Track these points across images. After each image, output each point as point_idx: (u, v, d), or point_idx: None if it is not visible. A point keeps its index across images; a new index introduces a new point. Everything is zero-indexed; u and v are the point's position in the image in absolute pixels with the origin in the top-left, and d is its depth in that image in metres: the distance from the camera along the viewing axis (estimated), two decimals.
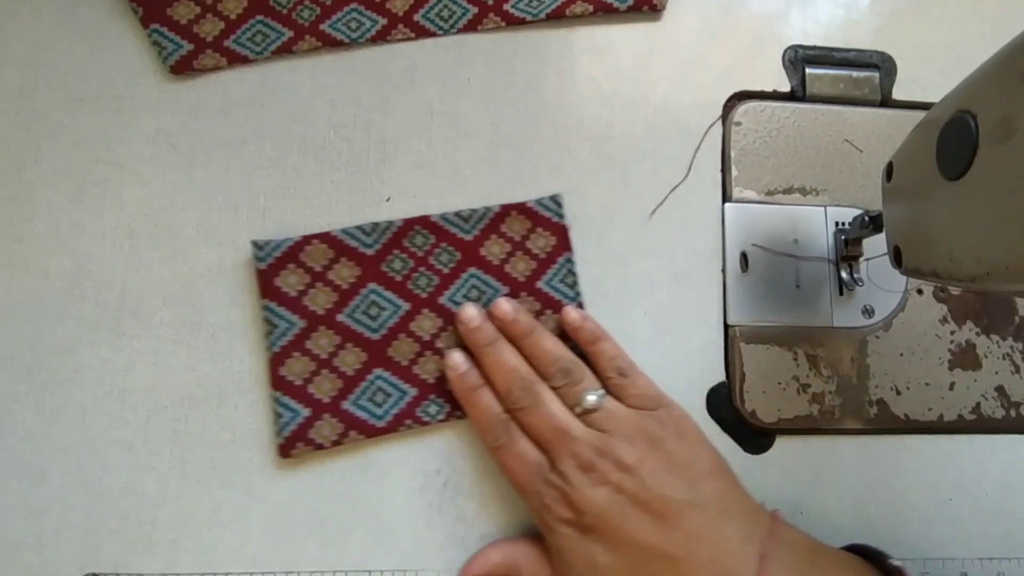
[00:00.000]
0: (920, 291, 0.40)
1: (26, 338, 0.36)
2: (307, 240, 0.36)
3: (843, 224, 0.40)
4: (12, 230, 0.37)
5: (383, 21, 0.39)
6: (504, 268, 0.37)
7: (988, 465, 0.36)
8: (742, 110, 0.41)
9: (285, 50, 0.38)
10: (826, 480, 0.38)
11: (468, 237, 0.38)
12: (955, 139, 0.25)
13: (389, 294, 0.37)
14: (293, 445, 0.35)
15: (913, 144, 0.30)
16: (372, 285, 0.37)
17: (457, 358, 0.35)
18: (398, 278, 0.37)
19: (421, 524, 0.36)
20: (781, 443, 0.38)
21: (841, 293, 0.39)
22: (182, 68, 0.38)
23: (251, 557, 0.35)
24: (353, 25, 0.39)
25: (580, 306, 0.37)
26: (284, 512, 0.36)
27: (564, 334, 0.37)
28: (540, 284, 0.37)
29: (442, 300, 0.37)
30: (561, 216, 0.38)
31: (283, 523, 0.35)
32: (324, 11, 0.39)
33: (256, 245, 0.36)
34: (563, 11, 0.40)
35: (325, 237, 0.37)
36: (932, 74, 0.42)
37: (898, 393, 0.39)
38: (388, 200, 0.38)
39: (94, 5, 0.38)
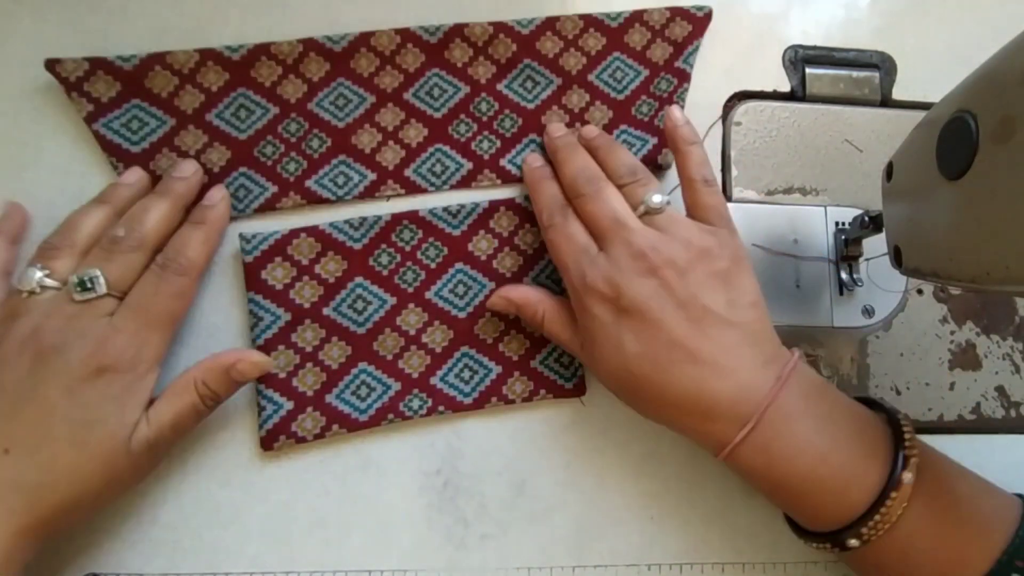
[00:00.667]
0: (920, 291, 0.40)
1: None
2: (294, 233, 0.36)
3: (843, 224, 0.40)
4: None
5: (372, 176, 0.38)
6: (492, 263, 0.38)
7: (988, 465, 0.36)
8: (742, 110, 0.41)
9: (269, 207, 0.37)
10: None
11: (456, 232, 0.38)
12: (955, 139, 0.25)
13: (375, 288, 0.37)
14: (275, 438, 0.35)
15: (913, 144, 0.30)
16: (359, 279, 0.37)
17: (535, 156, 0.38)
18: (385, 272, 0.37)
19: (421, 524, 0.36)
20: None
21: (841, 293, 0.39)
22: None
23: (251, 557, 0.35)
24: (340, 180, 0.37)
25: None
26: (284, 512, 0.36)
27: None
28: (527, 280, 0.38)
29: (428, 295, 0.37)
30: None
31: (283, 523, 0.35)
32: (311, 164, 0.37)
33: (243, 238, 0.36)
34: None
35: (313, 231, 0.37)
36: (932, 74, 0.42)
37: (898, 393, 0.39)
38: (388, 199, 0.38)
39: (95, 8, 0.38)
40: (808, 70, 0.42)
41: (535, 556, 0.36)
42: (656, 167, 0.39)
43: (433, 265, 0.37)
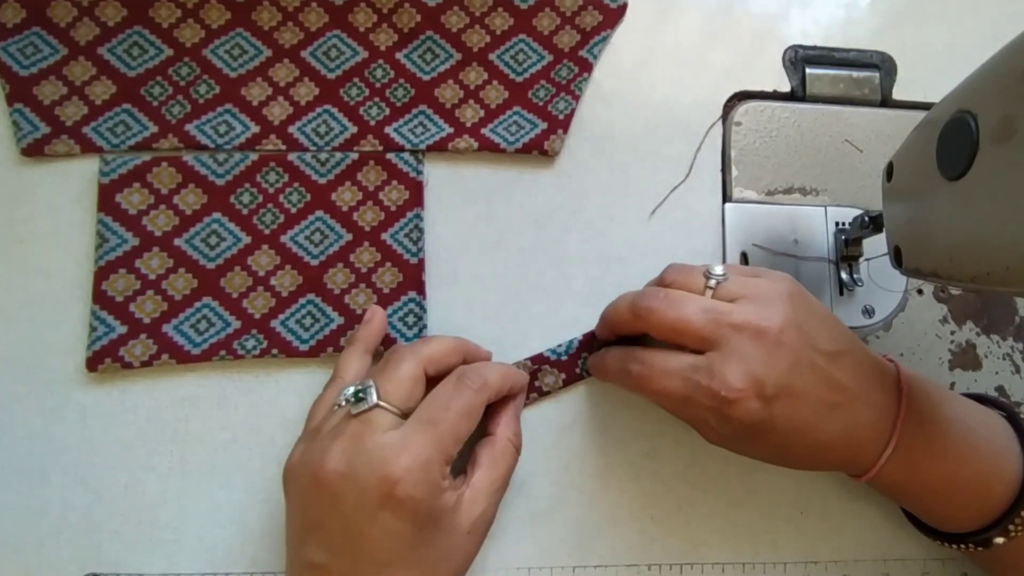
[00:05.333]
0: (920, 291, 0.40)
1: (26, 338, 0.36)
2: (156, 161, 0.37)
3: (843, 224, 0.40)
4: (12, 230, 0.37)
5: (255, 128, 0.38)
6: (352, 216, 0.38)
7: None
8: (742, 110, 0.41)
9: (144, 146, 0.37)
10: (826, 479, 0.38)
11: (322, 181, 0.38)
12: (955, 139, 0.25)
13: (232, 225, 0.37)
14: (101, 360, 0.35)
15: (913, 144, 0.30)
16: (216, 215, 0.37)
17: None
18: (244, 211, 0.37)
19: None
20: None
21: (841, 293, 0.39)
22: (33, 152, 0.36)
23: (251, 557, 0.35)
24: (222, 129, 0.37)
25: (420, 262, 0.37)
26: (284, 512, 0.35)
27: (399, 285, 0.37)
28: (385, 236, 0.38)
29: (284, 239, 0.37)
30: (419, 172, 0.38)
31: (283, 523, 0.35)
32: (195, 109, 0.37)
33: (103, 160, 0.36)
34: (445, 145, 0.38)
35: (175, 161, 0.37)
36: (932, 74, 0.42)
37: None
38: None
39: None
40: (808, 70, 0.42)
41: (535, 556, 0.36)
42: (542, 152, 0.39)
43: (293, 210, 0.37)
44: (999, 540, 0.31)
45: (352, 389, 0.30)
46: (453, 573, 0.30)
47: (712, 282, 0.32)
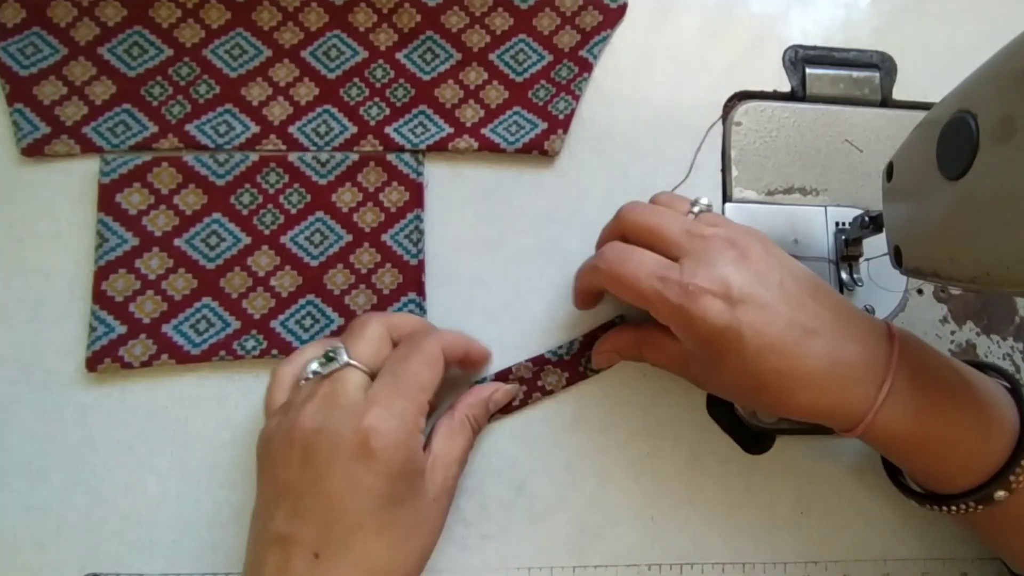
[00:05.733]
0: (920, 291, 0.40)
1: (26, 338, 0.36)
2: (157, 161, 0.37)
3: (843, 224, 0.40)
4: (12, 230, 0.37)
5: (255, 129, 0.38)
6: (352, 217, 0.38)
7: None
8: (742, 110, 0.41)
9: (144, 146, 0.37)
10: (826, 480, 0.38)
11: (322, 181, 0.38)
12: (955, 139, 0.25)
13: (232, 226, 0.37)
14: (100, 360, 0.35)
15: (913, 144, 0.30)
16: (216, 215, 0.37)
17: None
18: (244, 212, 0.37)
19: None
20: (781, 443, 0.38)
21: (841, 293, 0.39)
22: (33, 152, 0.36)
23: None
24: (222, 129, 0.38)
25: (420, 264, 0.37)
26: None
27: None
28: (385, 237, 0.38)
29: (283, 240, 0.37)
30: (419, 174, 0.38)
31: None
32: (195, 109, 0.38)
33: (104, 160, 0.36)
34: (445, 145, 0.38)
35: (176, 161, 0.37)
36: (932, 74, 0.42)
37: None
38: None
39: None
40: (808, 70, 0.42)
41: (535, 556, 0.36)
42: (542, 152, 0.39)
43: (294, 211, 0.37)
44: (1000, 494, 0.30)
45: (323, 351, 0.31)
46: (422, 545, 0.30)
47: (696, 208, 0.34)
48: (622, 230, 0.34)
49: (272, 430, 0.30)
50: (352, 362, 0.31)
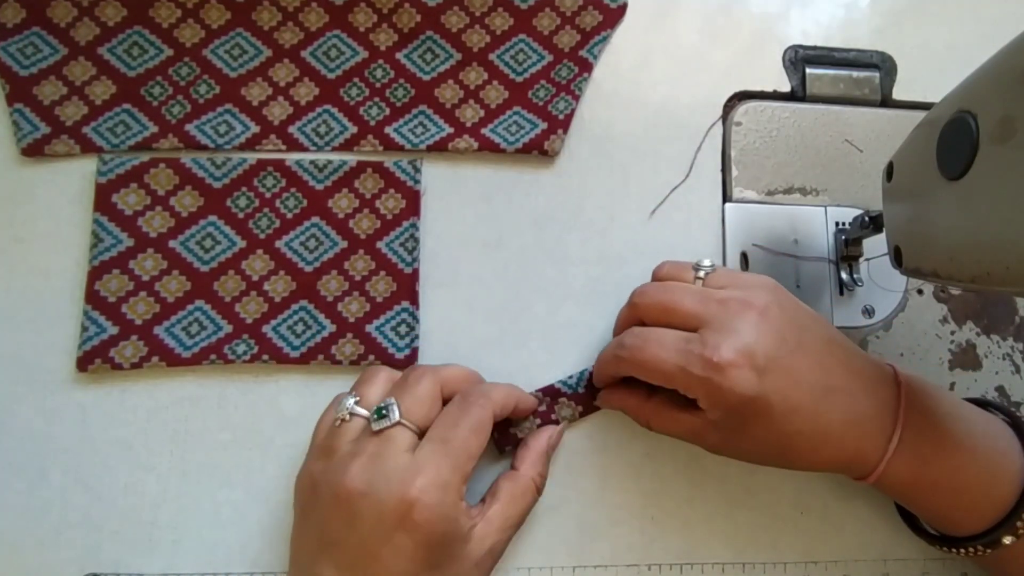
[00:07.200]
0: (920, 291, 0.40)
1: (26, 338, 0.36)
2: (154, 162, 0.37)
3: (843, 224, 0.40)
4: (12, 230, 0.37)
5: (255, 128, 0.38)
6: (348, 223, 0.38)
7: None
8: (742, 110, 0.41)
9: (144, 146, 0.37)
10: (826, 480, 0.38)
11: (319, 187, 0.38)
12: (955, 139, 0.25)
13: (227, 229, 0.37)
14: (91, 360, 0.35)
15: (913, 144, 0.30)
16: (212, 217, 0.37)
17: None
18: (240, 215, 0.37)
19: None
20: None
21: (841, 293, 0.39)
22: (33, 152, 0.36)
23: (251, 557, 0.35)
24: (222, 129, 0.38)
25: (415, 272, 0.37)
26: (284, 512, 0.36)
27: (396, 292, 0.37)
28: (380, 244, 0.37)
29: (279, 244, 0.37)
30: (416, 182, 0.38)
31: (283, 523, 0.35)
32: (195, 109, 0.38)
33: (102, 160, 0.36)
34: (445, 145, 0.38)
35: (173, 162, 0.37)
36: (932, 74, 0.42)
37: None
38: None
39: None
40: (808, 70, 0.42)
41: (535, 556, 0.36)
42: (542, 152, 0.39)
43: (290, 215, 0.37)
44: (1008, 540, 0.30)
45: (376, 406, 0.31)
46: None
47: (701, 273, 0.33)
48: (638, 315, 0.33)
49: (318, 477, 0.30)
50: (403, 422, 0.30)
